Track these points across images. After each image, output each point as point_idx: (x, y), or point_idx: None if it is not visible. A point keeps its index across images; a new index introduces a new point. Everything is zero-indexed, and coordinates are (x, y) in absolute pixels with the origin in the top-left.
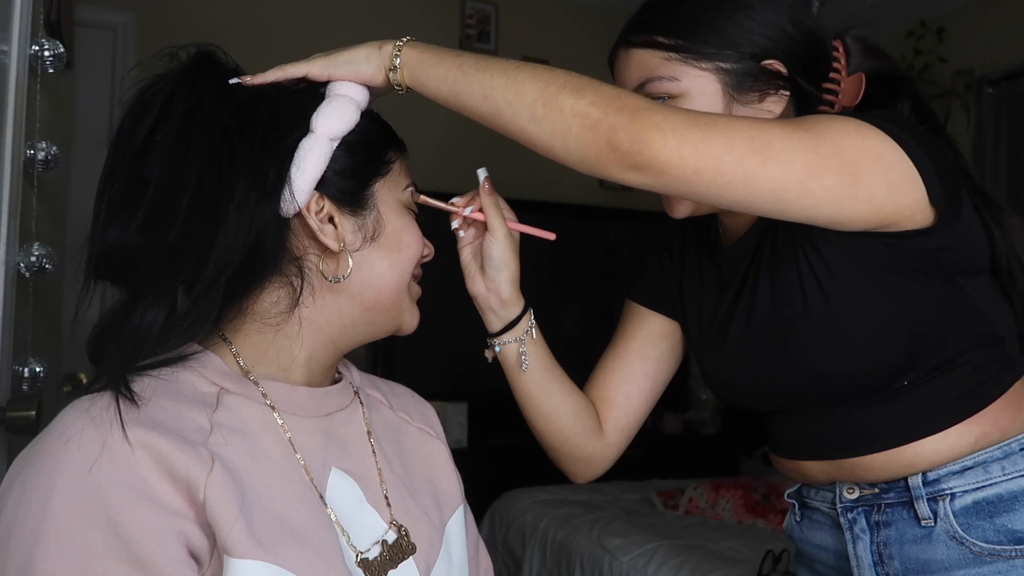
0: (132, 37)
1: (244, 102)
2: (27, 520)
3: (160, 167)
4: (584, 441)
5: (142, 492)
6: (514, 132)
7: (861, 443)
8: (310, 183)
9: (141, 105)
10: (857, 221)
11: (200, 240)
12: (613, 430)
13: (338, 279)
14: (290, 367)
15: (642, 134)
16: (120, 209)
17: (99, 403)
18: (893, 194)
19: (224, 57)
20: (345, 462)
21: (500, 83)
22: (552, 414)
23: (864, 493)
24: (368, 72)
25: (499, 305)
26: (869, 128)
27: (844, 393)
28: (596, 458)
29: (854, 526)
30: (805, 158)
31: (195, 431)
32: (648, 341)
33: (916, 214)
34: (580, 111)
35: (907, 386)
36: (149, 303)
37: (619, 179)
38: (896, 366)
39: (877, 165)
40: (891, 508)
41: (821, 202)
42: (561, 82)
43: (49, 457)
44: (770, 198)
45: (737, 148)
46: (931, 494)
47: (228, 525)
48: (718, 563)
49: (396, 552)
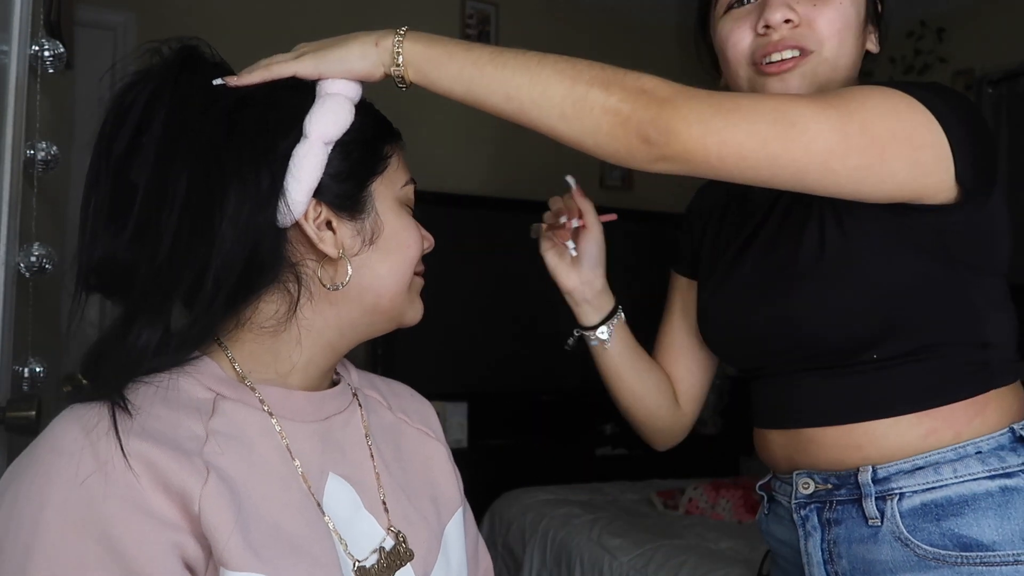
0: (132, 37)
1: (230, 105)
2: (19, 533)
3: (147, 174)
4: (665, 412)
5: (136, 504)
6: (541, 129)
7: (815, 414)
8: (307, 193)
9: (123, 107)
10: (878, 197)
11: (194, 256)
12: (685, 401)
13: (337, 287)
14: (288, 373)
15: (670, 126)
16: (108, 219)
17: (92, 412)
18: (917, 174)
19: (209, 51)
20: (343, 467)
21: (524, 82)
22: (639, 391)
23: (818, 488)
24: (363, 70)
25: (594, 296)
26: (905, 103)
27: (809, 353)
28: (676, 428)
29: (806, 523)
30: (829, 139)
31: (190, 440)
32: (691, 311)
33: (939, 194)
34: (611, 108)
35: (875, 361)
36: (145, 323)
37: (646, 168)
38: (869, 337)
39: (905, 146)
40: (841, 506)
41: (843, 180)
42: (587, 79)
43: (41, 470)
44: (792, 177)
45: (760, 132)
46: (880, 493)
47: (224, 537)
48: (718, 563)
49: (394, 559)
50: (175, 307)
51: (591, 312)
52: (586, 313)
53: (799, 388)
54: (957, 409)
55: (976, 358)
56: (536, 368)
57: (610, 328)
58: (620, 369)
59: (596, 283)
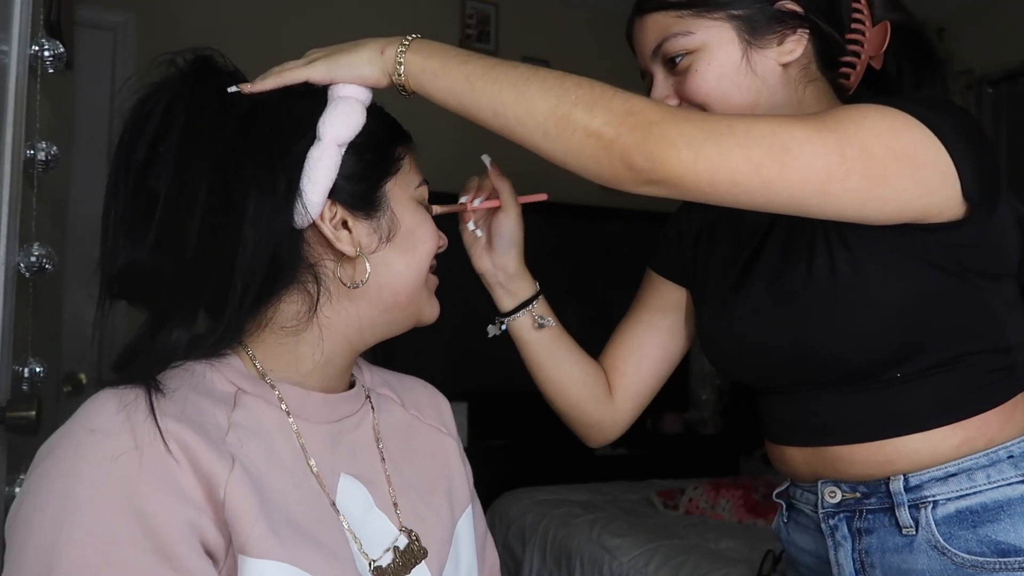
0: (132, 37)
1: (245, 111)
2: (49, 507)
3: (166, 182)
4: (592, 407)
5: (170, 484)
6: (527, 146)
7: (841, 432)
8: (322, 194)
9: (140, 117)
10: (882, 219)
11: (219, 259)
12: (623, 397)
13: (356, 285)
14: (310, 372)
15: (656, 152)
16: (130, 227)
17: (128, 392)
18: (922, 193)
19: (222, 60)
20: (354, 467)
21: (510, 99)
22: (561, 382)
23: (846, 497)
24: (372, 76)
25: (507, 279)
26: (903, 121)
27: (832, 375)
28: (606, 424)
29: (836, 532)
30: (827, 162)
31: (215, 428)
32: (660, 311)
33: (946, 211)
34: (593, 131)
35: (899, 379)
36: (174, 325)
37: (633, 191)
38: (891, 357)
39: (906, 165)
40: (872, 515)
41: (843, 204)
42: (572, 98)
43: (74, 445)
44: (789, 202)
45: (754, 157)
46: (913, 501)
47: (248, 525)
48: (718, 563)
49: (408, 558)
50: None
51: (505, 297)
52: (500, 297)
53: (822, 405)
54: (989, 417)
55: (1001, 363)
56: None
57: (529, 314)
58: (539, 357)
59: (509, 266)
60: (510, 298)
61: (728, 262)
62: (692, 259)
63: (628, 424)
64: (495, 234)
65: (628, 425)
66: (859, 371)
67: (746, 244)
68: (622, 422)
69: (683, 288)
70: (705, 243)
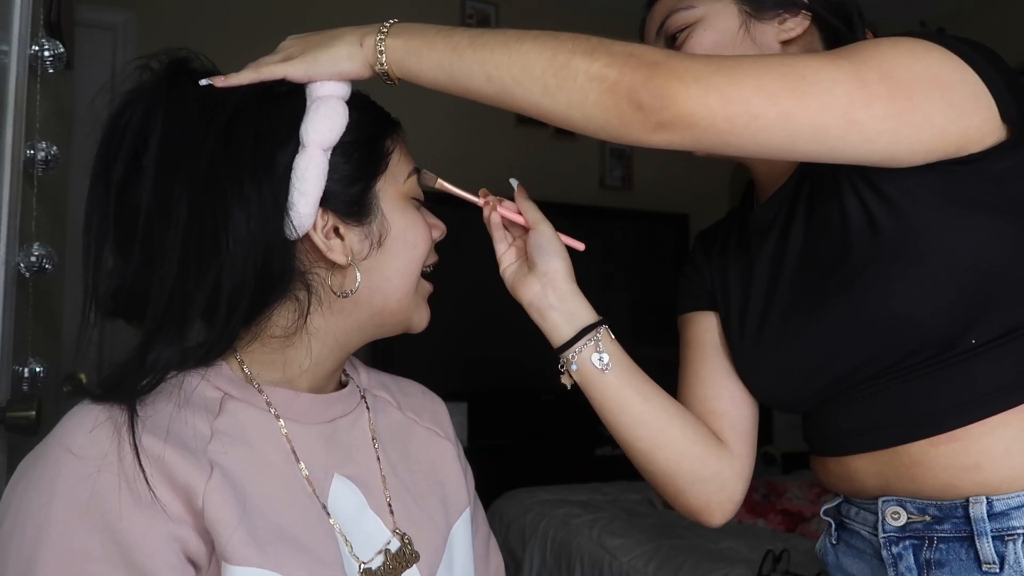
0: (132, 37)
1: (226, 120)
2: (27, 525)
3: (147, 197)
4: (705, 452)
5: (142, 499)
6: (526, 108)
7: (919, 423)
8: (313, 205)
9: (117, 130)
10: (919, 151)
11: (204, 276)
12: (735, 440)
13: (346, 293)
14: (297, 376)
15: (664, 88)
16: (117, 246)
17: (103, 409)
18: (956, 116)
19: (199, 61)
20: (348, 468)
21: (503, 59)
22: (656, 422)
23: (912, 520)
24: (353, 70)
25: (558, 299)
26: (922, 46)
27: (908, 346)
28: (726, 475)
29: (899, 562)
30: (847, 87)
31: (195, 438)
32: (712, 344)
33: (987, 136)
34: (595, 74)
35: (975, 347)
36: (164, 344)
37: (646, 142)
38: (963, 313)
39: (933, 87)
40: (946, 544)
41: (872, 134)
42: (569, 47)
43: (51, 463)
44: (813, 138)
45: (768, 87)
46: (998, 531)
47: (228, 532)
48: (718, 563)
49: (400, 561)
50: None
51: (562, 322)
52: (557, 325)
53: (887, 399)
54: None
55: None
56: (536, 368)
57: (595, 344)
58: (622, 394)
59: (559, 281)
60: (567, 321)
61: (753, 278)
62: (713, 285)
63: (749, 471)
64: (532, 248)
65: (750, 473)
66: (934, 339)
67: (761, 249)
68: (742, 472)
69: (717, 312)
70: (719, 268)
